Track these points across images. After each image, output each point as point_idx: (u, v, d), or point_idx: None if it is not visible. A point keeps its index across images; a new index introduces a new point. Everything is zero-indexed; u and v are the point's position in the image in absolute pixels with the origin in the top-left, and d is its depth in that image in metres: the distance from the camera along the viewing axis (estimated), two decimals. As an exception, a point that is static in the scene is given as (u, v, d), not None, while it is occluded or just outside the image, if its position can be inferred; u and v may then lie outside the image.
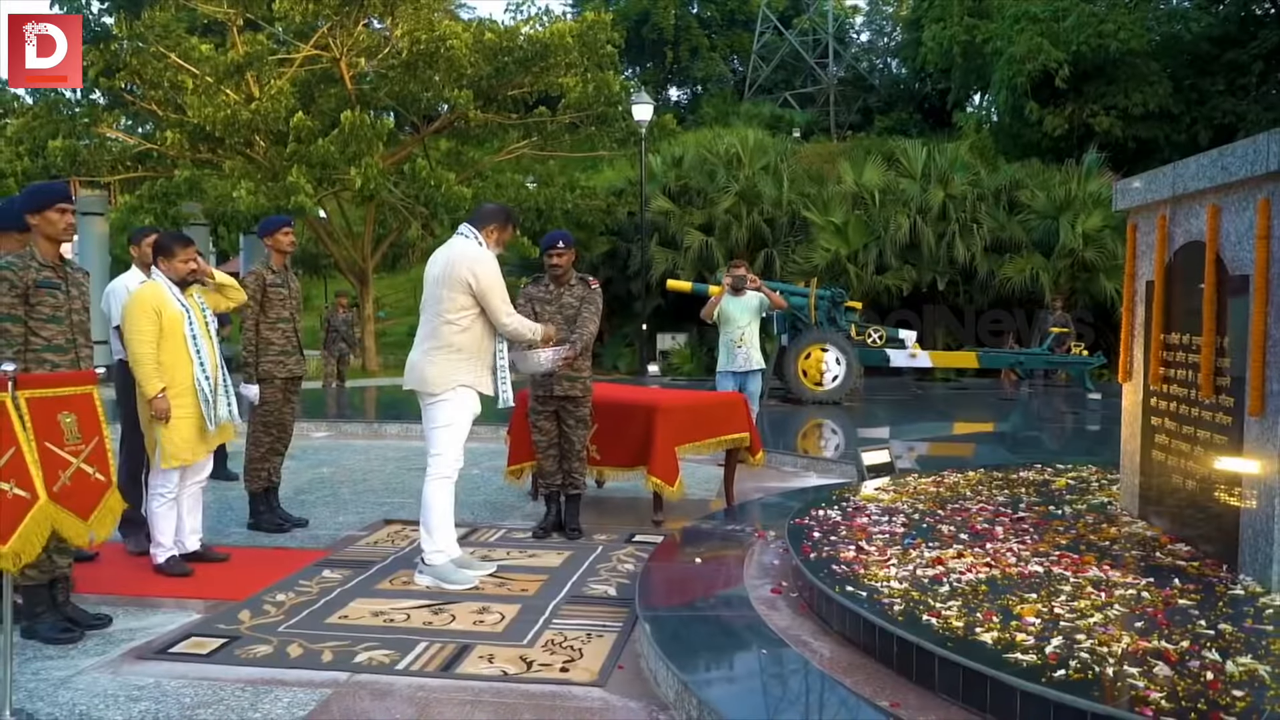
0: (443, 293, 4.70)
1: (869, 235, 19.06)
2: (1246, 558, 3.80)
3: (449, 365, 4.70)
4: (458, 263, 4.68)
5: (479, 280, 4.62)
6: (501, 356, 4.76)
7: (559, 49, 15.35)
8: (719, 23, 37.69)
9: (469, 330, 4.69)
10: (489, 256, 4.72)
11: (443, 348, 4.72)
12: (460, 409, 4.75)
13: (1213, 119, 24.79)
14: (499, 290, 4.67)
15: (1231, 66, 25.55)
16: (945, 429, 10.80)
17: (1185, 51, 25.72)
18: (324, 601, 4.57)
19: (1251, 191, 3.76)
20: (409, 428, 10.47)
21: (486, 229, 4.81)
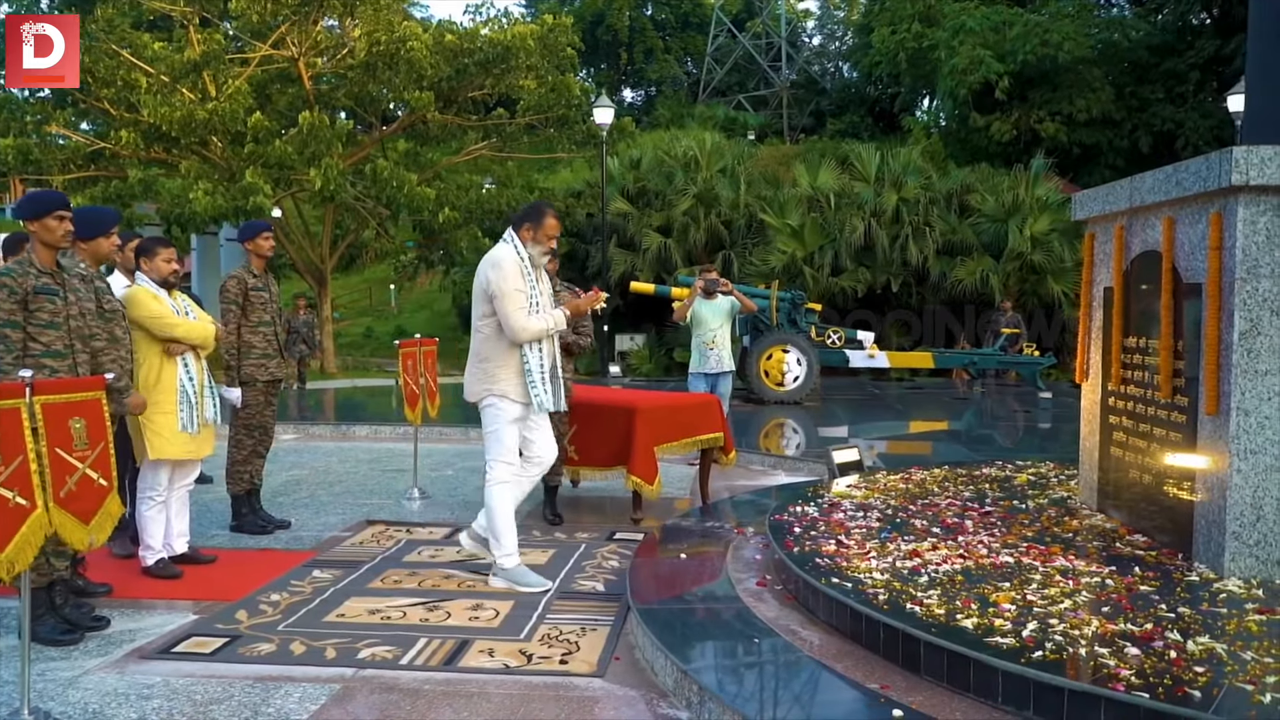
0: (474, 301, 4.73)
1: (825, 238, 19.41)
2: (1200, 547, 4.08)
3: (480, 374, 4.69)
4: (480, 269, 4.70)
5: (491, 283, 4.56)
6: (528, 360, 4.62)
7: (520, 51, 15.43)
8: (673, 25, 38.00)
9: (492, 337, 4.64)
10: (508, 258, 4.58)
11: (474, 357, 4.75)
12: (497, 416, 4.68)
13: (1153, 125, 25.61)
14: (509, 294, 4.51)
15: (1170, 75, 26.40)
16: (903, 428, 11.11)
17: (1126, 60, 26.54)
18: (319, 601, 4.66)
19: (1204, 205, 4.03)
20: (377, 429, 10.54)
21: (521, 230, 4.69)
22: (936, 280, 18.94)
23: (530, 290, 4.62)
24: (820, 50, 40.49)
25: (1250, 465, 3.84)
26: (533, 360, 4.64)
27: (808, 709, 3.14)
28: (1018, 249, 18.32)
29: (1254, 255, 3.81)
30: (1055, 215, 19.00)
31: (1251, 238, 3.80)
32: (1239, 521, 3.86)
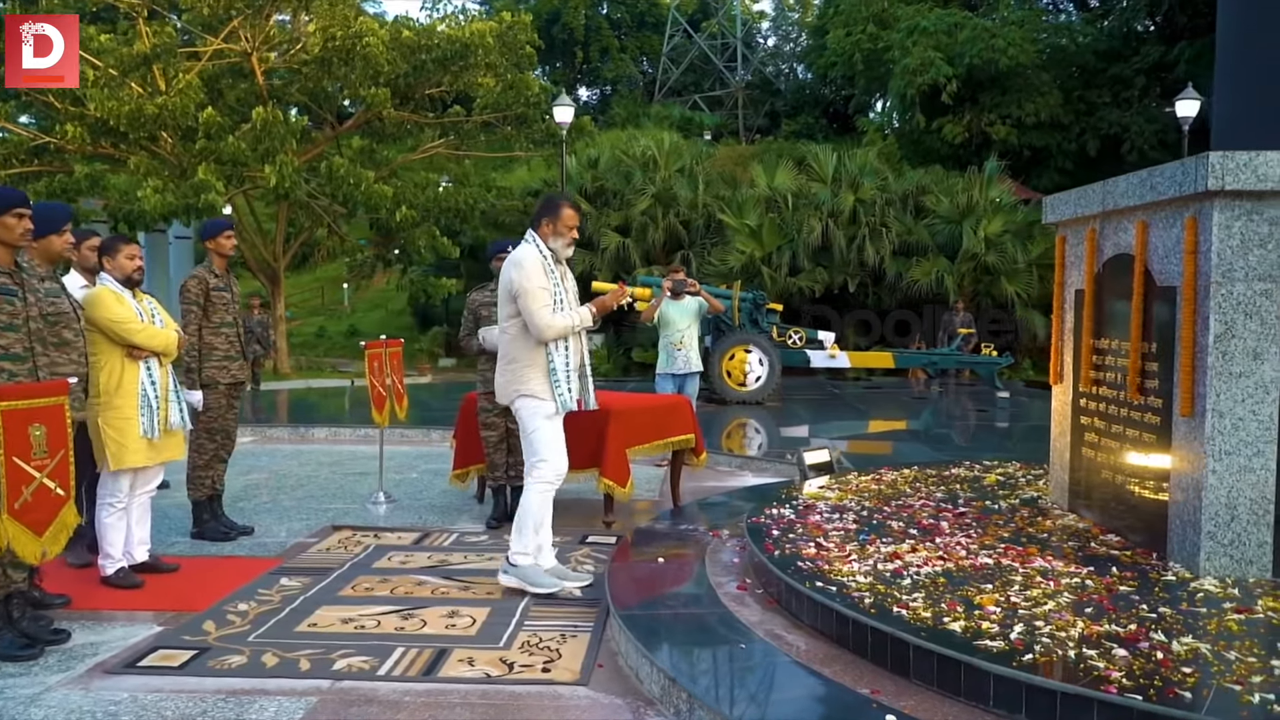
0: (500, 302, 4.64)
1: (782, 238, 19.51)
2: (1175, 546, 4.13)
3: (511, 376, 4.60)
4: (504, 269, 4.61)
5: (514, 282, 4.47)
6: (554, 359, 4.52)
7: (479, 49, 15.26)
8: (629, 24, 37.97)
9: (520, 336, 4.55)
10: (530, 256, 4.49)
11: (503, 358, 4.66)
12: (534, 414, 4.58)
13: (1100, 129, 26.13)
14: (533, 291, 4.42)
15: (1116, 80, 26.96)
16: (866, 427, 11.19)
17: (1073, 64, 27.06)
18: (289, 610, 4.54)
19: (1179, 210, 4.09)
20: (337, 431, 10.37)
21: (540, 227, 4.60)
22: (893, 281, 19.14)
23: (554, 287, 4.54)
24: (775, 51, 40.72)
25: (1225, 466, 3.90)
26: (558, 359, 4.55)
27: (799, 716, 3.11)
28: (972, 250, 18.57)
29: (1229, 259, 3.86)
30: (1008, 217, 19.31)
31: (1226, 242, 3.86)
32: (1214, 521, 3.92)
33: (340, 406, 13.52)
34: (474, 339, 6.18)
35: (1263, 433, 3.88)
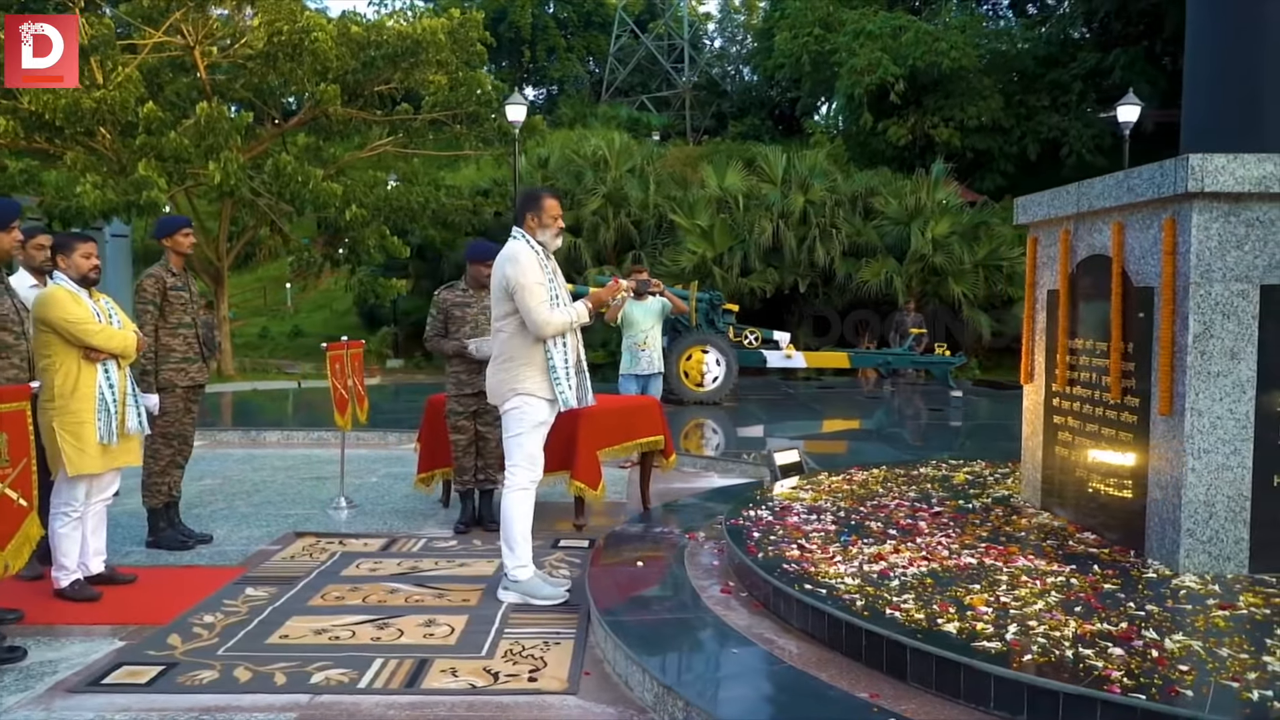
0: (494, 301, 4.53)
1: (734, 238, 19.55)
2: (1153, 544, 4.18)
3: (506, 374, 4.49)
4: (496, 266, 4.50)
5: (510, 279, 4.36)
6: (553, 356, 4.42)
7: (430, 46, 15.02)
8: (576, 24, 37.83)
9: (516, 334, 4.44)
10: (524, 251, 4.39)
11: (498, 357, 4.55)
12: (523, 419, 4.49)
13: (1040, 133, 26.70)
14: (530, 287, 4.32)
15: (1054, 85, 27.57)
16: (825, 427, 11.24)
17: (1013, 69, 27.62)
18: (257, 621, 4.38)
19: (1156, 211, 4.13)
20: (290, 435, 10.12)
21: (525, 222, 4.49)
22: (843, 281, 19.29)
23: (549, 282, 4.44)
24: (721, 53, 40.89)
25: (1204, 464, 3.95)
26: (557, 356, 4.44)
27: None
28: (920, 251, 18.79)
29: (1207, 260, 3.91)
30: (954, 219, 19.58)
31: (1205, 243, 3.91)
32: (1193, 519, 3.97)
33: (290, 409, 13.21)
34: (445, 340, 6.04)
35: (1239, 431, 3.95)
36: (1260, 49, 4.40)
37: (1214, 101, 4.56)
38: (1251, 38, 4.44)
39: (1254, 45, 4.42)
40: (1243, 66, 4.44)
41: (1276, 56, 4.37)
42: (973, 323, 19.16)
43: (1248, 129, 4.39)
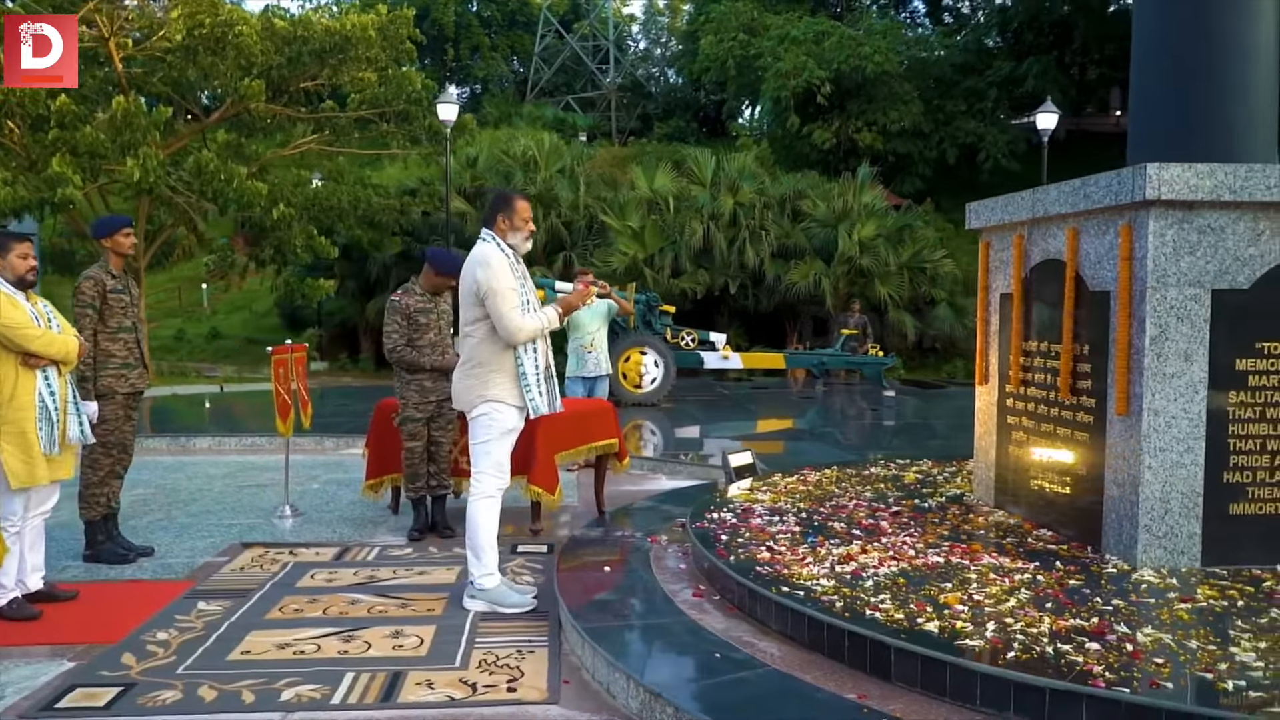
0: (463, 305, 4.43)
1: (664, 240, 19.63)
2: (1110, 540, 4.32)
3: (474, 380, 4.41)
4: (466, 269, 4.40)
5: (481, 283, 4.27)
6: (523, 363, 4.36)
7: (361, 43, 14.70)
8: (500, 22, 37.54)
9: (486, 340, 4.36)
10: (495, 255, 4.31)
11: (467, 363, 4.45)
12: (491, 426, 4.41)
13: (958, 138, 27.45)
14: (503, 292, 4.24)
15: (971, 92, 28.39)
16: (765, 427, 11.35)
17: (932, 76, 28.33)
18: (215, 637, 4.22)
19: (1112, 218, 4.27)
20: (221, 441, 9.81)
21: (496, 224, 4.41)
22: (772, 283, 19.53)
23: (521, 287, 4.37)
24: (645, 55, 41.02)
25: (1159, 462, 4.09)
26: (528, 362, 4.38)
27: (794, 725, 3.08)
28: (847, 253, 19.12)
29: (1162, 265, 4.06)
30: (880, 221, 19.99)
31: (1160, 249, 4.05)
32: (1150, 515, 4.11)
33: (216, 414, 12.81)
34: (411, 350, 5.86)
35: (1193, 430, 4.10)
36: (1204, 62, 4.58)
37: (1159, 112, 4.73)
38: (1196, 51, 4.61)
39: (1198, 58, 4.60)
40: (1187, 79, 4.62)
41: (1219, 70, 4.55)
42: (897, 323, 19.59)
43: (1191, 139, 4.57)
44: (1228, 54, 4.55)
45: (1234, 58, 4.54)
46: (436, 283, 5.98)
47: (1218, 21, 4.55)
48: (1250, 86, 4.55)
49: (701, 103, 36.11)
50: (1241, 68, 4.54)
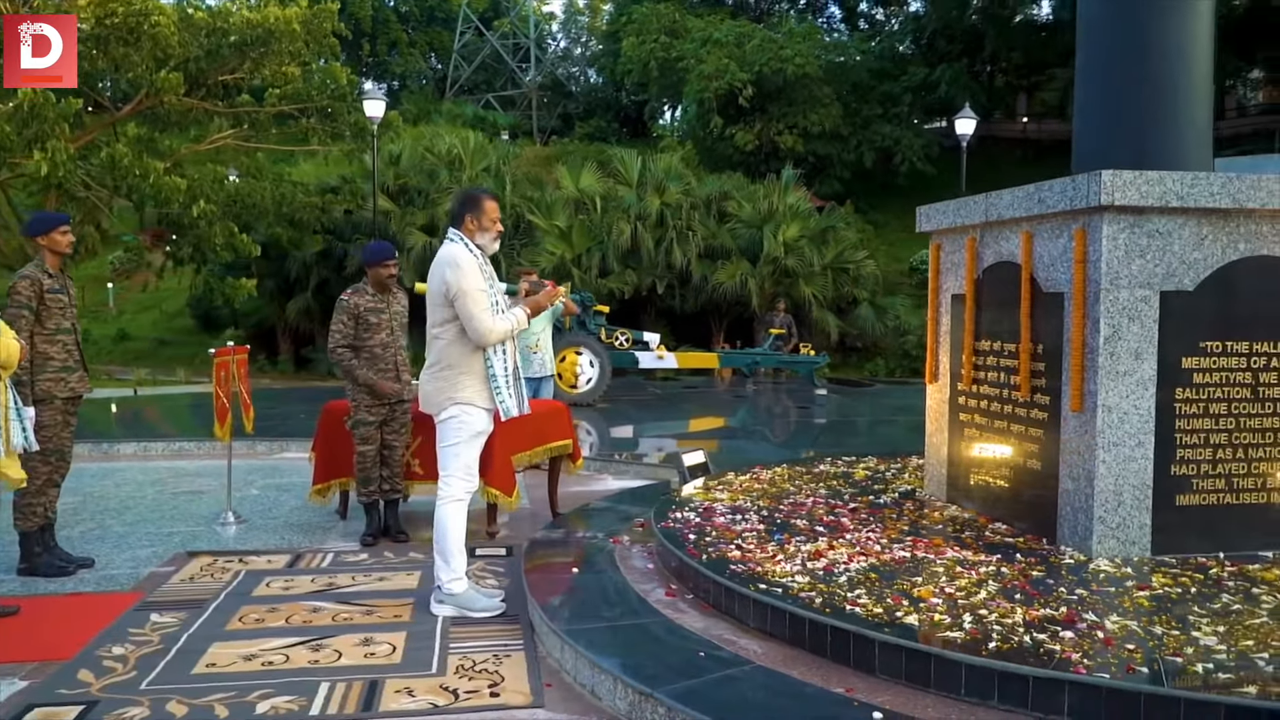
0: (430, 306, 4.35)
1: (592, 240, 19.66)
2: (1066, 531, 4.48)
3: (443, 382, 4.34)
4: (433, 271, 4.34)
5: (451, 285, 4.21)
6: (492, 365, 4.33)
7: (284, 36, 14.31)
8: (418, 18, 37.00)
9: (456, 341, 4.30)
10: (465, 256, 4.26)
11: (434, 364, 4.38)
12: (460, 429, 4.37)
13: (875, 141, 28.12)
14: (472, 293, 4.20)
15: (887, 96, 29.11)
16: (703, 426, 11.45)
17: (849, 80, 28.95)
18: (176, 650, 4.08)
19: (1066, 222, 4.44)
20: (147, 446, 9.48)
21: (464, 225, 4.35)
22: (699, 283, 19.71)
23: (490, 288, 4.33)
24: (566, 54, 40.89)
25: (1113, 456, 4.27)
26: (497, 364, 4.35)
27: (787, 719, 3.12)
28: (773, 254, 19.42)
29: (1115, 268, 4.23)
30: (804, 223, 20.35)
31: (1114, 252, 4.23)
32: (1104, 507, 4.28)
33: (137, 418, 12.34)
34: (351, 353, 5.75)
35: (1143, 425, 4.29)
36: (1144, 73, 4.78)
37: (1103, 119, 4.91)
38: (1137, 62, 4.81)
39: (1139, 69, 4.80)
40: (1129, 88, 4.81)
41: (1157, 80, 4.75)
42: (821, 323, 19.97)
43: (1132, 146, 4.77)
44: (1167, 65, 4.75)
45: (1173, 69, 4.75)
46: (375, 275, 5.86)
47: (1157, 34, 4.75)
48: (1188, 96, 4.76)
49: (623, 103, 36.16)
50: (1180, 79, 4.75)
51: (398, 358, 5.84)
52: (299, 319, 20.80)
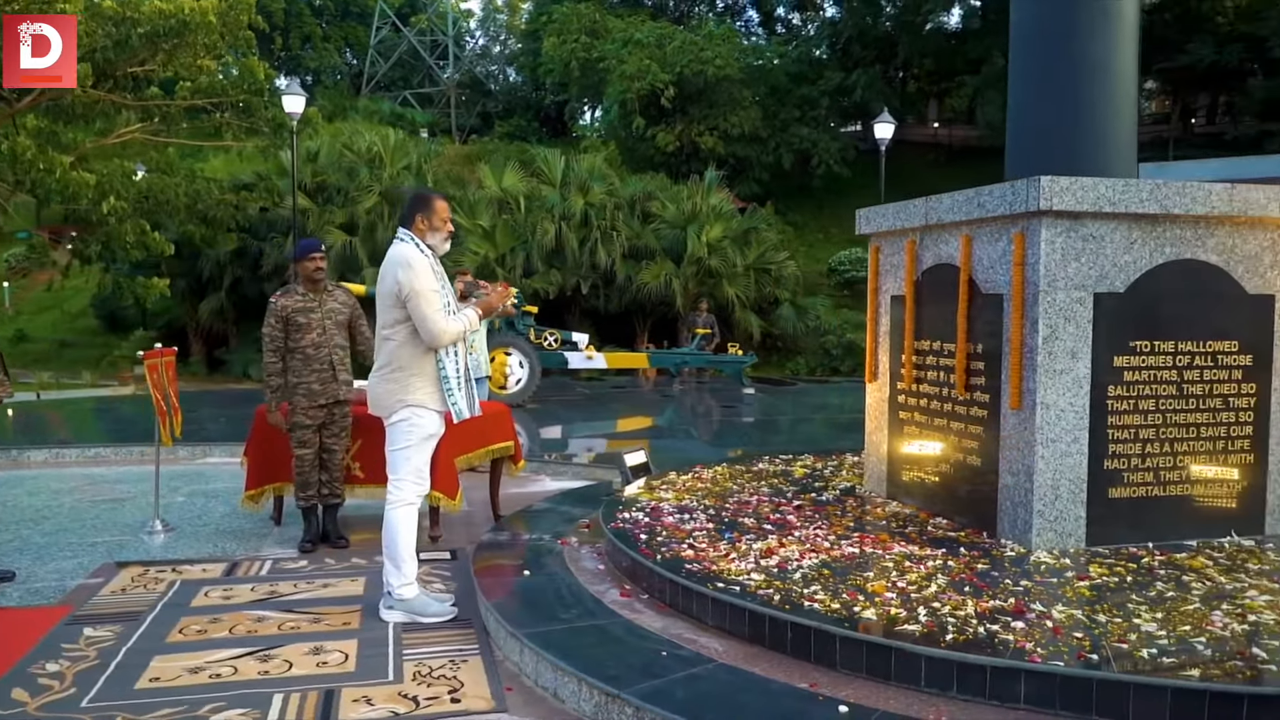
0: (380, 307, 4.28)
1: (516, 239, 19.51)
2: (1006, 525, 4.63)
3: (394, 384, 4.28)
4: (384, 271, 4.27)
5: (403, 285, 4.15)
6: (444, 366, 4.28)
7: (200, 28, 13.84)
8: (333, 12, 36.23)
9: (407, 343, 4.24)
10: (417, 257, 4.21)
11: (385, 366, 4.31)
12: (411, 432, 4.31)
13: (793, 144, 28.54)
14: (425, 294, 4.16)
15: (804, 100, 29.58)
16: (635, 425, 11.48)
17: (768, 83, 29.34)
18: (115, 665, 3.93)
19: (1005, 226, 4.58)
20: (59, 453, 9.11)
21: (414, 225, 4.29)
22: (623, 283, 19.74)
23: (442, 289, 4.28)
24: (484, 52, 40.51)
25: (1051, 451, 4.43)
26: (449, 365, 4.31)
27: (757, 715, 3.15)
28: (696, 254, 19.56)
29: (1053, 270, 4.39)
30: (727, 224, 20.55)
31: (1051, 255, 4.39)
32: (1043, 501, 4.44)
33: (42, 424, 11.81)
34: (277, 360, 5.61)
35: (1078, 421, 4.46)
36: (1072, 82, 4.97)
37: (1035, 128, 5.09)
38: (1065, 72, 5.00)
39: (1067, 79, 4.98)
40: (1057, 97, 5.00)
41: (1087, 89, 4.95)
42: (743, 323, 20.20)
43: (1062, 152, 4.95)
44: (1095, 76, 4.94)
45: (1101, 79, 4.94)
46: (303, 270, 5.74)
47: (1087, 47, 4.94)
48: (1116, 106, 4.97)
49: (543, 102, 35.99)
50: (1108, 89, 4.95)
51: (333, 358, 5.70)
52: (212, 319, 20.17)
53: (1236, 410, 4.67)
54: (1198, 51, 26.64)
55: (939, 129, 36.75)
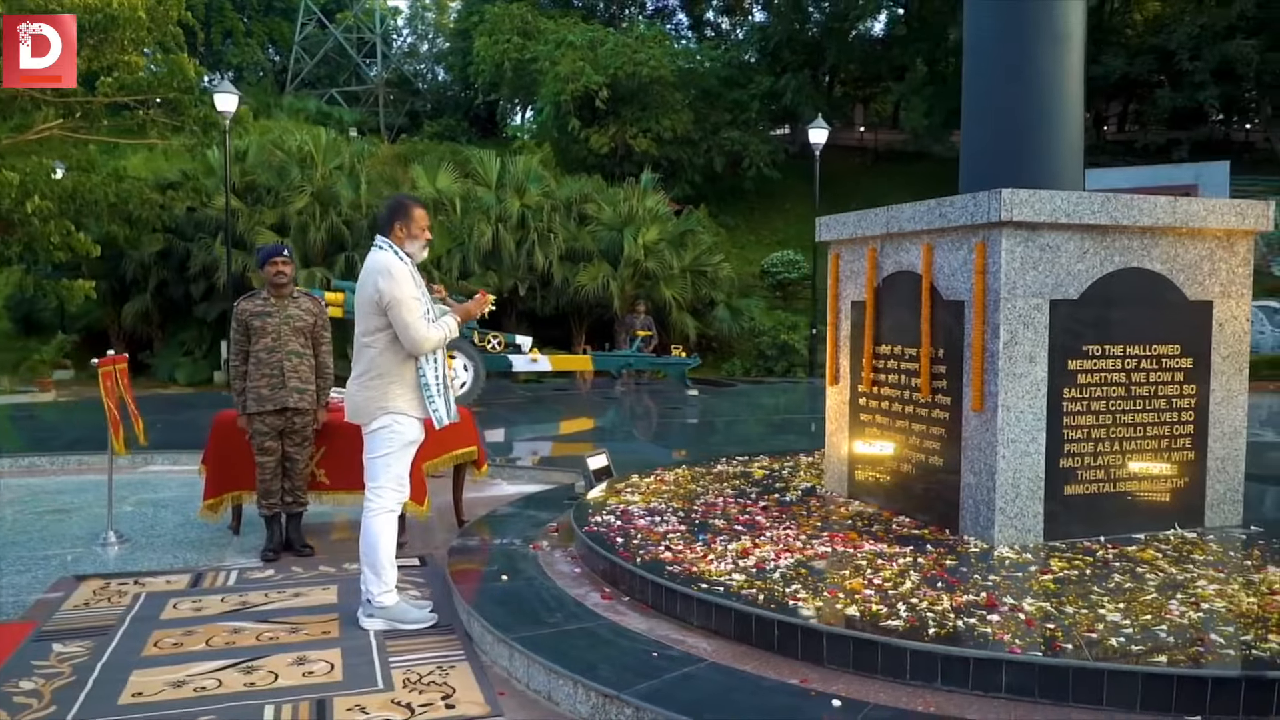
0: (360, 314, 4.28)
1: (451, 241, 19.35)
2: (968, 522, 4.83)
3: (374, 391, 4.28)
4: (364, 279, 4.27)
5: (384, 293, 4.16)
6: (424, 373, 4.29)
7: (128, 24, 13.42)
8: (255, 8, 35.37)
9: (388, 350, 4.26)
10: (397, 264, 4.22)
11: (365, 374, 4.30)
12: (391, 439, 4.31)
13: (724, 147, 28.84)
14: (405, 301, 4.18)
15: (735, 104, 29.92)
16: (579, 427, 11.53)
17: (700, 86, 29.61)
18: (93, 681, 3.86)
19: (966, 235, 4.78)
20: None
21: (393, 232, 4.30)
22: (560, 285, 19.74)
23: (422, 296, 4.30)
24: (412, 50, 40.02)
25: (1012, 451, 4.64)
26: (429, 372, 4.33)
27: (755, 713, 3.26)
28: (633, 257, 19.65)
29: (1013, 278, 4.60)
30: (663, 226, 20.70)
31: (1011, 264, 4.59)
32: (1004, 498, 4.65)
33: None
34: (241, 364, 5.57)
35: (1036, 422, 4.68)
36: (1023, 90, 5.19)
37: (986, 132, 5.30)
38: (1015, 88, 5.22)
39: (1018, 94, 5.21)
40: (1008, 111, 5.22)
41: (1037, 95, 5.16)
42: (680, 324, 20.37)
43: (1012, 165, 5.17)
44: (1044, 91, 5.17)
45: (1050, 94, 5.17)
46: (266, 277, 5.71)
47: (1036, 63, 5.17)
48: (1064, 120, 5.21)
49: (474, 102, 35.70)
50: (1056, 103, 5.18)
51: (284, 364, 5.61)
52: (135, 322, 19.56)
53: (1179, 410, 4.95)
54: (1110, 63, 27.70)
55: (864, 133, 37.52)
